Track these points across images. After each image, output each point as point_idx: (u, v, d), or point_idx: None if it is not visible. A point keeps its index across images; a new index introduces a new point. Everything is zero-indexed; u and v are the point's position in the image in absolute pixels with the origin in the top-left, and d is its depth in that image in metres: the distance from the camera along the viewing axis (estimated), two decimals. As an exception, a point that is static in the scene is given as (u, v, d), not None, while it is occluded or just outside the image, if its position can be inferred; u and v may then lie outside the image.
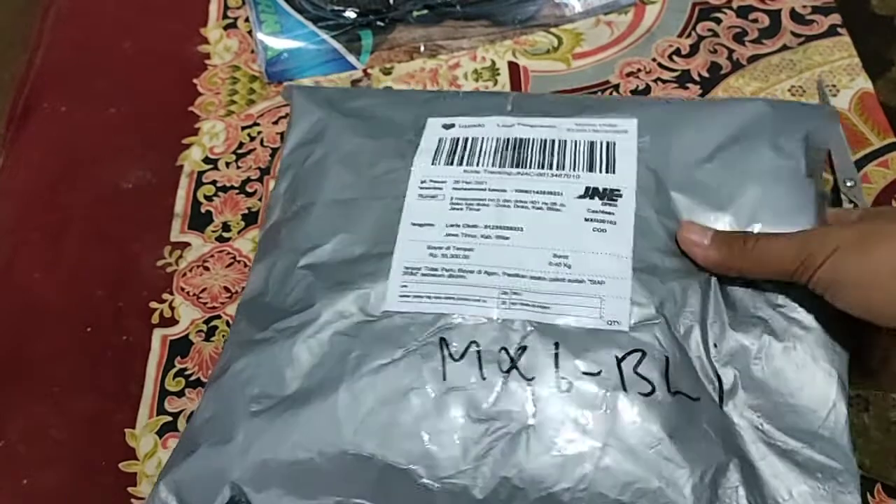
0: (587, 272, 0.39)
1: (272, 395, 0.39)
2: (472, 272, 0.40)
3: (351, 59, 0.57)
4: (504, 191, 0.42)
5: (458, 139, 0.44)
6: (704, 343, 0.37)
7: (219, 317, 0.47)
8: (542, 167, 0.42)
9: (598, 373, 0.36)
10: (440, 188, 0.42)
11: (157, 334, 0.47)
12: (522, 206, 0.41)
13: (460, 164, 0.43)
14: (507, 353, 0.37)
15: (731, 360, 0.37)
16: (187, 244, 0.50)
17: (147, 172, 0.54)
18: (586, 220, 0.40)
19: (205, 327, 0.47)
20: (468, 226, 0.41)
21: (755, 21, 0.56)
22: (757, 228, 0.39)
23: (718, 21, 0.56)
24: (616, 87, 0.54)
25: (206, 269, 0.49)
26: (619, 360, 0.36)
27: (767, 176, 0.40)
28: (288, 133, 0.48)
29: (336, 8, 0.57)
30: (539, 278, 0.39)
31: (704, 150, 0.42)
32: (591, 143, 0.42)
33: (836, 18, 0.55)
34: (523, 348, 0.37)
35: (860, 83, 0.52)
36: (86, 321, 0.48)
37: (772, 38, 0.55)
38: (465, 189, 0.42)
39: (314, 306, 0.40)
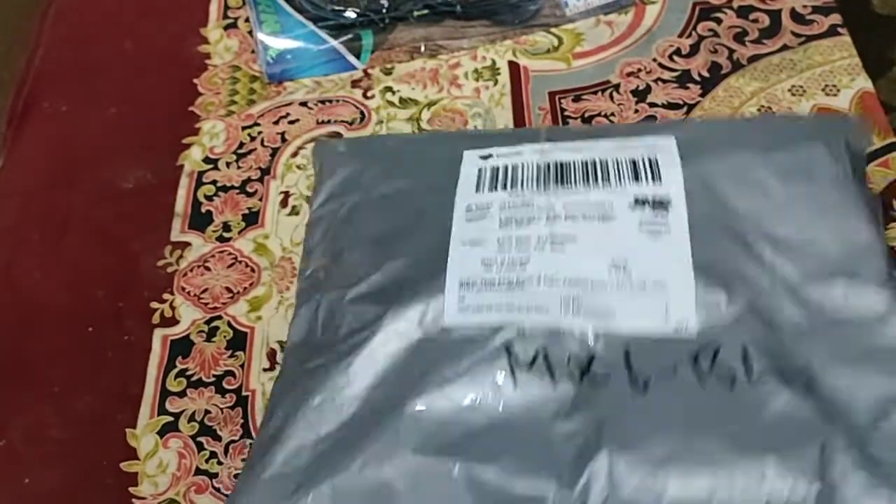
0: (648, 277, 0.38)
1: (332, 416, 0.37)
2: (530, 281, 0.38)
3: (351, 59, 0.57)
4: (553, 207, 0.41)
5: (497, 167, 0.43)
6: (777, 324, 0.37)
7: (220, 317, 0.47)
8: (588, 183, 0.41)
9: (674, 370, 0.36)
10: (487, 210, 0.42)
11: (158, 334, 0.47)
12: (573, 218, 0.40)
13: (504, 188, 0.42)
14: (577, 361, 0.36)
15: (810, 332, 0.37)
16: (188, 244, 0.50)
17: (147, 172, 0.53)
18: (640, 226, 0.40)
19: (206, 328, 0.47)
20: (521, 239, 0.40)
21: (755, 21, 0.56)
22: (807, 225, 0.39)
23: (719, 21, 0.56)
24: (616, 86, 0.54)
25: (207, 269, 0.49)
26: (695, 358, 0.36)
27: (818, 175, 0.40)
28: (317, 189, 0.47)
29: (336, 8, 0.57)
30: (600, 285, 0.38)
31: (751, 157, 0.41)
32: (633, 161, 0.42)
33: (836, 18, 0.55)
34: (592, 357, 0.37)
35: (861, 83, 0.52)
36: (86, 321, 0.48)
37: (772, 38, 0.55)
38: (513, 208, 0.41)
39: (368, 328, 0.39)
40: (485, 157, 0.44)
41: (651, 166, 0.41)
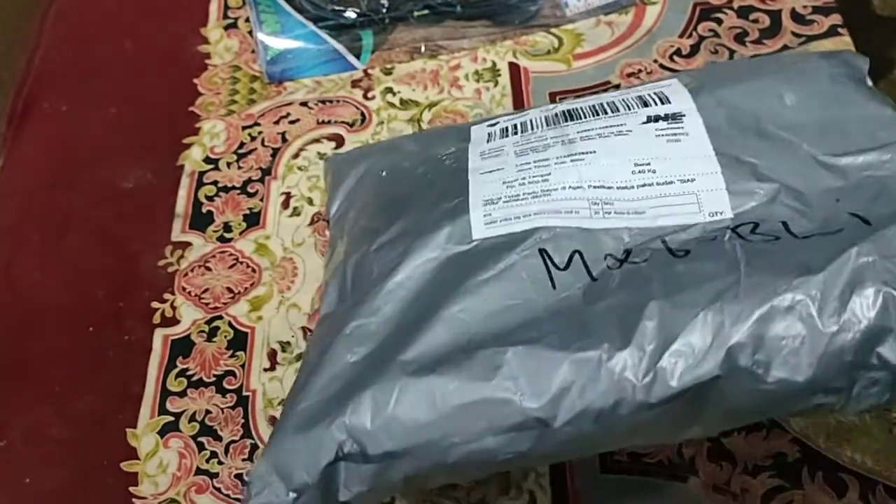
0: (674, 174, 0.38)
1: (369, 337, 0.36)
2: (555, 189, 0.38)
3: (351, 59, 0.57)
4: (566, 135, 0.40)
5: (507, 126, 0.43)
6: (814, 196, 0.36)
7: (220, 317, 0.47)
8: (598, 115, 0.41)
9: (714, 238, 0.35)
10: (501, 149, 0.41)
11: (159, 334, 0.47)
12: (588, 139, 0.40)
13: (515, 134, 0.42)
14: (614, 257, 0.36)
15: (851, 191, 0.36)
16: (188, 244, 0.50)
17: (147, 172, 0.53)
18: (657, 135, 0.39)
19: (206, 328, 0.47)
20: (538, 161, 0.40)
21: (756, 21, 0.56)
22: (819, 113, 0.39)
23: (719, 21, 0.56)
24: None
25: (208, 269, 0.49)
26: (734, 228, 0.35)
27: (826, 82, 0.40)
28: (331, 198, 0.46)
29: (336, 8, 0.57)
30: (627, 187, 0.38)
31: (757, 78, 0.41)
32: (640, 96, 0.42)
33: (836, 18, 0.55)
34: (628, 251, 0.36)
35: (861, 83, 0.52)
36: (86, 321, 0.48)
37: (772, 39, 0.55)
38: (527, 143, 0.41)
39: (397, 259, 0.38)
40: (492, 125, 0.44)
41: (658, 95, 0.41)
